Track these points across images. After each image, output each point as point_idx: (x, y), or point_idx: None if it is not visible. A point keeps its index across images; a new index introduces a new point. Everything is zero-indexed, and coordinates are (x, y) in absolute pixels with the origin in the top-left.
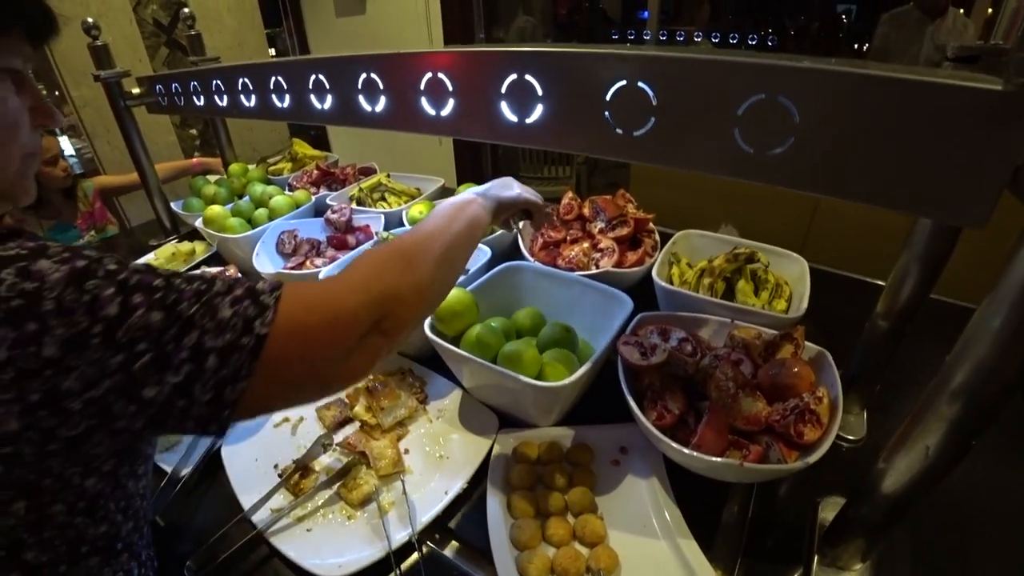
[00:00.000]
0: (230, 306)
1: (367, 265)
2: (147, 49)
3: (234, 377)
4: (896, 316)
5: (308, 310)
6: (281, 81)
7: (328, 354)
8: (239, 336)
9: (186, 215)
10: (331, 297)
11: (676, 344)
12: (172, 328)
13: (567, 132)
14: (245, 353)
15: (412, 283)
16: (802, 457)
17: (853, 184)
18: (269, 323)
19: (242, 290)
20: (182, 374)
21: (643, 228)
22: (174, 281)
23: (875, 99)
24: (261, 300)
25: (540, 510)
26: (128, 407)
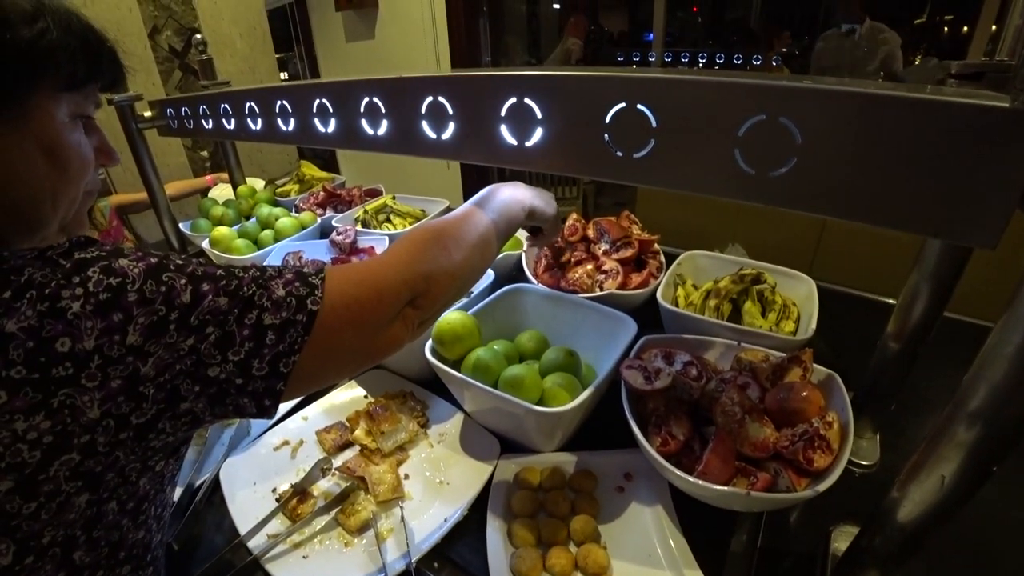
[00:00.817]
0: (283, 287)
1: (407, 245)
2: (161, 74)
3: (289, 351)
4: (908, 336)
5: (356, 284)
6: (286, 105)
7: (374, 320)
8: (294, 313)
9: (194, 236)
10: (374, 273)
11: (681, 368)
12: (236, 309)
13: (567, 155)
14: (299, 328)
15: (446, 266)
16: (812, 485)
17: (858, 205)
18: (319, 300)
19: (292, 274)
20: (243, 351)
21: (648, 249)
22: (232, 270)
23: (878, 118)
24: (310, 281)
25: (542, 539)
26: (193, 387)
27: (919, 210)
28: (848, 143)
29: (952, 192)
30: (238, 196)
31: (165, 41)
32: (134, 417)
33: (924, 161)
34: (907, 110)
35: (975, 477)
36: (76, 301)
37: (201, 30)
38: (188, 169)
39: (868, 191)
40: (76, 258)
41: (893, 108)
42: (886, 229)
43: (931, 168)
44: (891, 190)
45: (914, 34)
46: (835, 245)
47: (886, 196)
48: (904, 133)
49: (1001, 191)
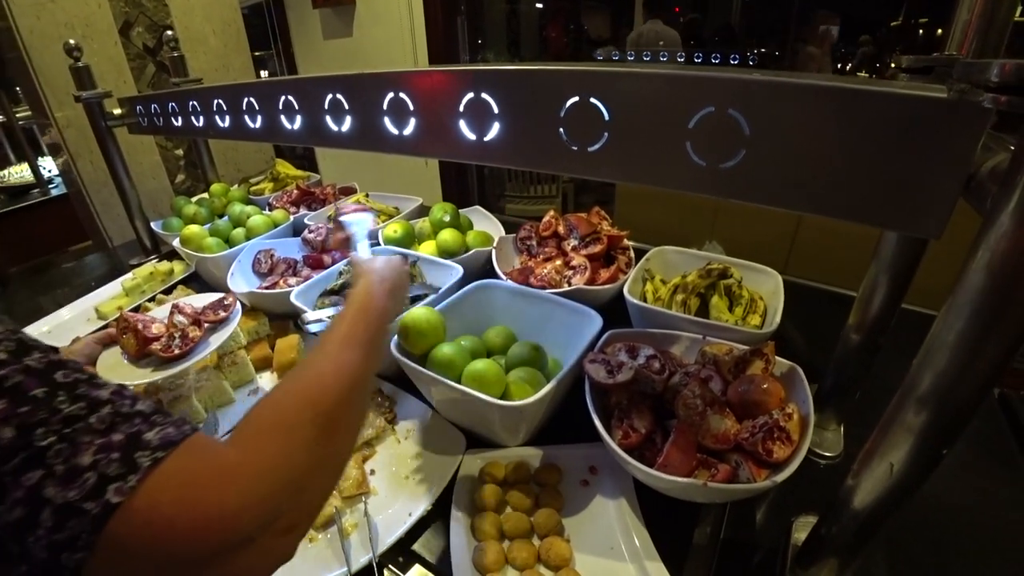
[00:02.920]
0: (94, 453)
1: (276, 427)
2: (133, 71)
3: (71, 546)
4: (868, 328)
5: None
6: (253, 102)
7: (187, 558)
8: (84, 498)
9: (165, 235)
10: (218, 478)
11: (644, 361)
12: (16, 456)
13: (524, 149)
14: (86, 522)
15: (328, 463)
16: (772, 476)
17: (807, 196)
18: (128, 491)
19: (123, 436)
20: (14, 516)
21: (617, 245)
22: (57, 395)
23: (823, 110)
24: (134, 458)
25: (505, 532)
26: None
27: (866, 201)
28: (795, 134)
29: (897, 182)
30: (211, 194)
31: (137, 38)
32: None
33: (868, 152)
34: (850, 101)
35: (925, 462)
36: None
37: (174, 27)
38: (162, 167)
39: (816, 182)
40: None
41: (837, 100)
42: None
43: (875, 159)
44: (838, 181)
45: (890, 36)
46: (809, 242)
47: (833, 187)
48: (848, 124)
49: (944, 180)
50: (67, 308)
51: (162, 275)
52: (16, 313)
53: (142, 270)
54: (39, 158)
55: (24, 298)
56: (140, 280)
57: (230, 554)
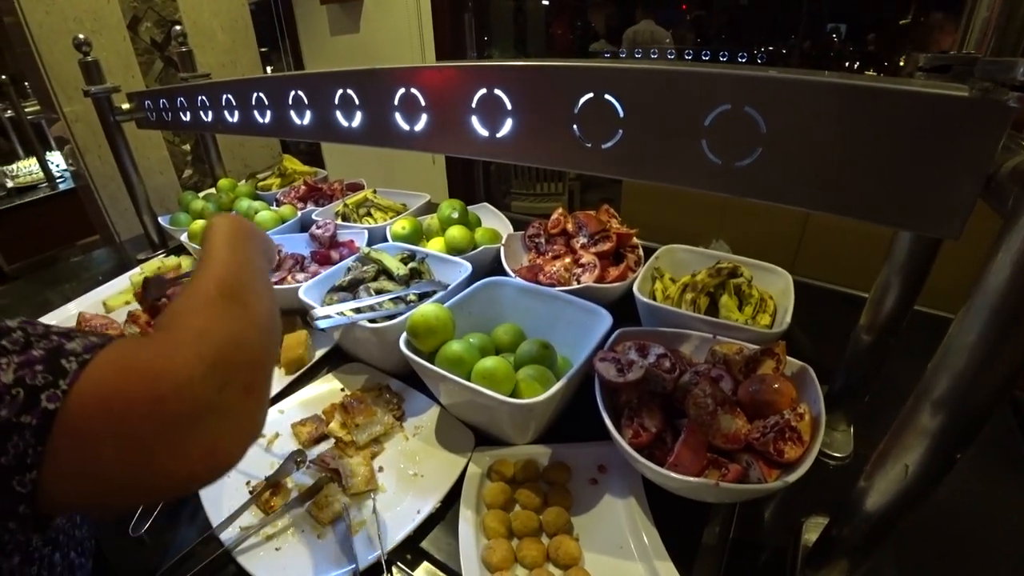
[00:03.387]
0: (15, 371)
1: (192, 308)
2: (141, 66)
3: (19, 466)
4: (880, 329)
5: (123, 371)
6: (262, 97)
7: (152, 432)
8: (19, 412)
9: (173, 229)
10: (156, 353)
11: (654, 360)
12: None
13: (537, 146)
14: (27, 434)
15: (253, 320)
16: (783, 476)
17: (823, 196)
18: (62, 395)
19: (43, 351)
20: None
21: (626, 243)
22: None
23: (842, 108)
24: (60, 364)
25: (514, 530)
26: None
27: (883, 201)
28: (812, 133)
29: (915, 182)
30: (219, 190)
31: (146, 33)
32: None
33: (887, 151)
34: (869, 100)
35: (939, 465)
36: None
37: (182, 22)
38: (169, 162)
39: (832, 181)
40: None
41: (856, 98)
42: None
43: (894, 158)
44: (855, 181)
45: (900, 34)
46: (817, 241)
47: (850, 186)
48: (867, 123)
49: (963, 180)
50: (75, 303)
51: (169, 270)
52: (24, 307)
53: (149, 265)
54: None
55: (32, 292)
56: (148, 275)
57: (199, 421)
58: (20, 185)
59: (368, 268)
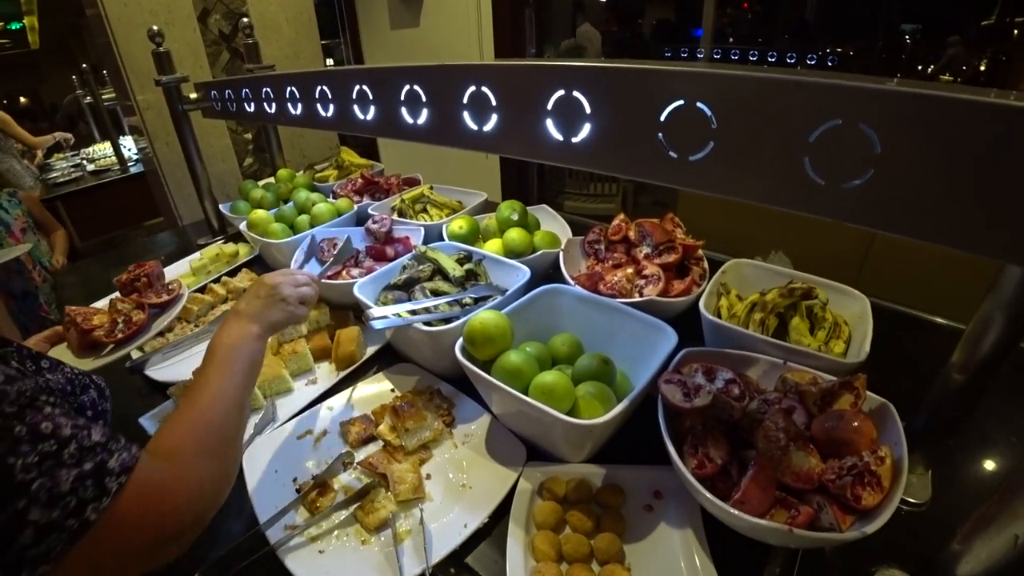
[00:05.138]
0: (71, 481)
1: (192, 447)
2: (208, 56)
3: (43, 558)
4: (976, 369)
5: (143, 497)
6: (326, 91)
7: (152, 546)
8: (67, 516)
9: (233, 217)
10: (167, 491)
11: (722, 386)
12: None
13: (616, 154)
14: (65, 536)
15: (227, 471)
16: (858, 524)
17: (942, 227)
18: (104, 510)
19: (92, 465)
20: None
21: (691, 255)
22: (13, 425)
23: (978, 130)
24: (105, 483)
25: (563, 554)
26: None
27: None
28: (937, 156)
29: None
30: (277, 180)
31: (214, 25)
32: None
33: None
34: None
35: None
36: None
37: (249, 14)
38: (231, 151)
39: (955, 211)
40: None
41: (993, 117)
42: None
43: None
44: (982, 211)
45: (980, 37)
46: (886, 258)
47: (976, 218)
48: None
49: None
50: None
51: (227, 257)
52: (89, 287)
53: (209, 251)
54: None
55: (97, 272)
56: (207, 260)
57: (173, 541)
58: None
59: (424, 267)
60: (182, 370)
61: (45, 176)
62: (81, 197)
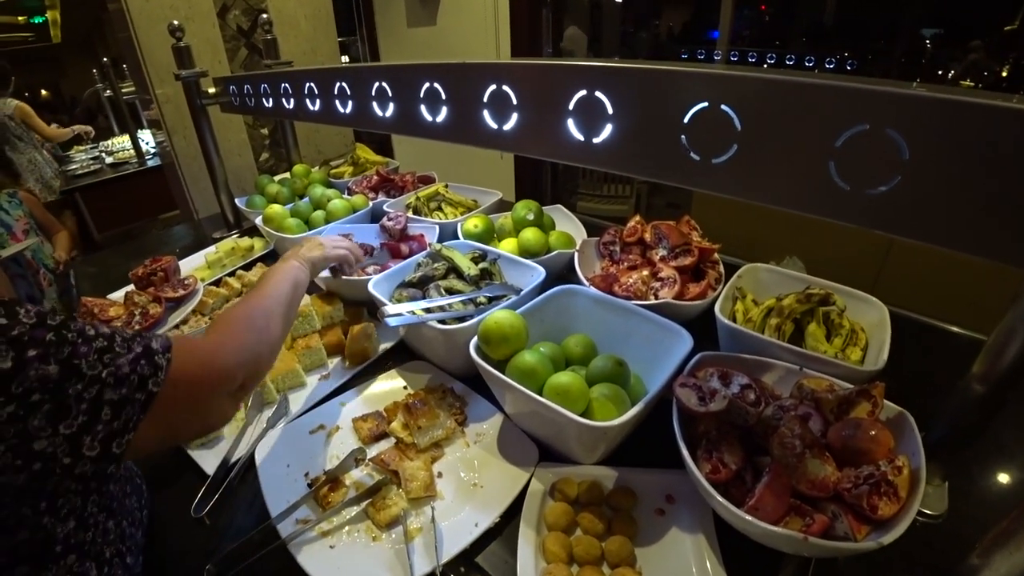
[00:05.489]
0: (129, 364)
1: (239, 325)
2: (227, 52)
3: (123, 429)
4: (997, 381)
5: (200, 365)
6: (345, 87)
7: (209, 400)
8: (134, 391)
9: (249, 211)
10: (215, 356)
11: (738, 391)
12: (71, 380)
13: (637, 155)
14: (137, 407)
15: (269, 342)
16: (874, 534)
17: (970, 235)
18: (162, 382)
19: (140, 348)
20: (75, 425)
21: (707, 258)
22: (66, 334)
23: (1006, 136)
24: (156, 360)
25: (574, 556)
26: (14, 460)
27: None
28: (966, 162)
29: None
30: (293, 175)
31: (233, 20)
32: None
33: None
34: None
35: None
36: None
37: (268, 10)
38: (248, 145)
39: (986, 221)
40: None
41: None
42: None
43: None
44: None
45: (1002, 42)
46: (904, 264)
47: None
48: None
49: None
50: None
51: (243, 251)
52: (108, 278)
53: (224, 244)
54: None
55: (116, 263)
56: (222, 254)
57: (228, 396)
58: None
59: (438, 265)
60: None
61: (65, 168)
62: (99, 189)
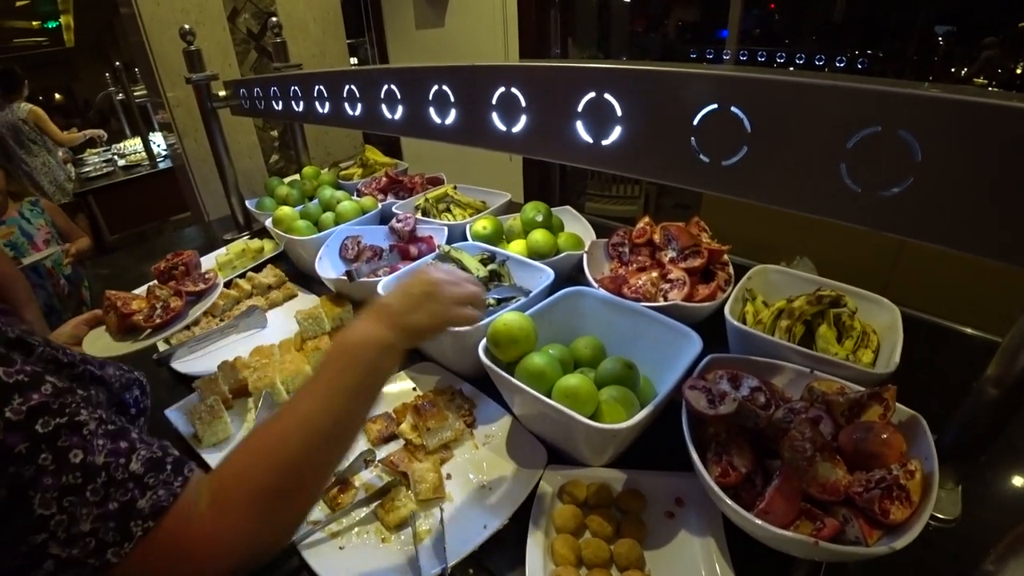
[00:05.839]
0: (92, 521)
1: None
2: (237, 55)
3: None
4: (1012, 383)
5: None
6: (354, 90)
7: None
8: (86, 555)
9: (259, 213)
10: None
11: (748, 393)
12: (17, 519)
13: (646, 157)
14: (86, 572)
15: (301, 506)
16: (886, 539)
17: (984, 238)
18: (125, 555)
19: (118, 505)
20: (16, 563)
21: (717, 260)
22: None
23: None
24: (130, 528)
25: (583, 559)
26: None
27: None
28: (980, 164)
29: None
30: (303, 177)
31: (243, 24)
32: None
33: None
34: None
35: None
36: None
37: (277, 13)
38: (258, 148)
39: (1000, 223)
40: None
41: None
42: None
43: None
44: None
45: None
46: (916, 265)
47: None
48: None
49: None
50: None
51: (253, 252)
52: (121, 279)
53: (235, 246)
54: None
55: (128, 265)
56: (232, 255)
57: None
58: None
59: (447, 267)
60: (207, 363)
61: (78, 171)
62: (111, 192)
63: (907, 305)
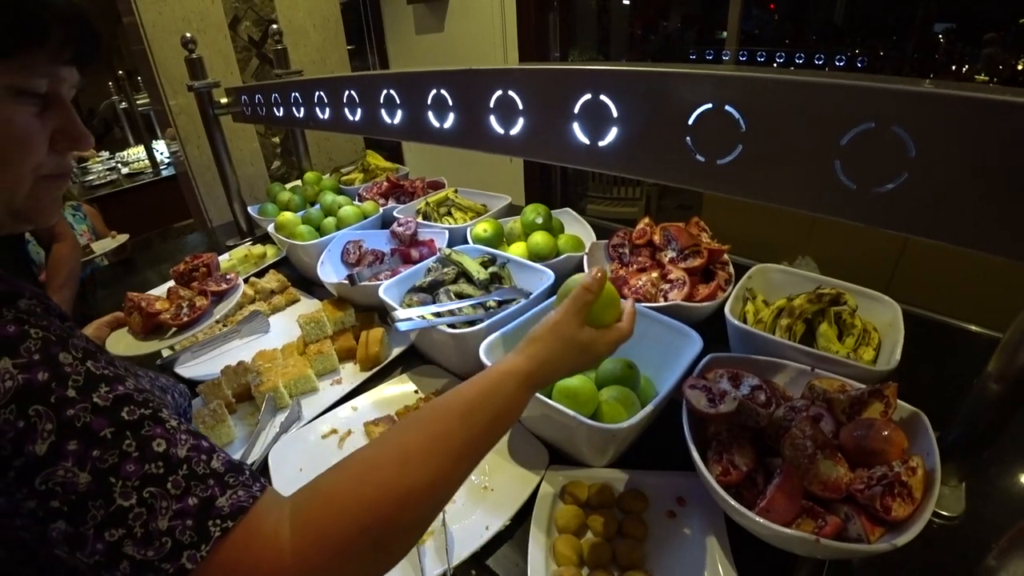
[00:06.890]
0: (170, 519)
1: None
2: (239, 63)
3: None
4: (1013, 378)
5: (249, 556)
6: (354, 95)
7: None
8: (162, 559)
9: (261, 219)
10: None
11: (748, 392)
12: (97, 507)
13: (643, 158)
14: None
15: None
16: (888, 536)
17: (979, 232)
18: (201, 560)
19: (197, 501)
20: (93, 560)
21: (717, 260)
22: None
23: (1015, 132)
24: (207, 526)
25: (584, 559)
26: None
27: None
28: (975, 159)
29: None
30: (304, 183)
31: (244, 31)
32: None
33: None
34: None
35: None
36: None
37: (278, 20)
38: (260, 154)
39: (996, 217)
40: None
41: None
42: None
43: None
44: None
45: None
46: (919, 263)
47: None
48: None
49: None
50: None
51: (255, 258)
52: (127, 285)
53: (237, 252)
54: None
55: (134, 270)
56: (235, 261)
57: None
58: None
59: (448, 270)
60: (211, 368)
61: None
62: (115, 199)
63: (911, 302)
